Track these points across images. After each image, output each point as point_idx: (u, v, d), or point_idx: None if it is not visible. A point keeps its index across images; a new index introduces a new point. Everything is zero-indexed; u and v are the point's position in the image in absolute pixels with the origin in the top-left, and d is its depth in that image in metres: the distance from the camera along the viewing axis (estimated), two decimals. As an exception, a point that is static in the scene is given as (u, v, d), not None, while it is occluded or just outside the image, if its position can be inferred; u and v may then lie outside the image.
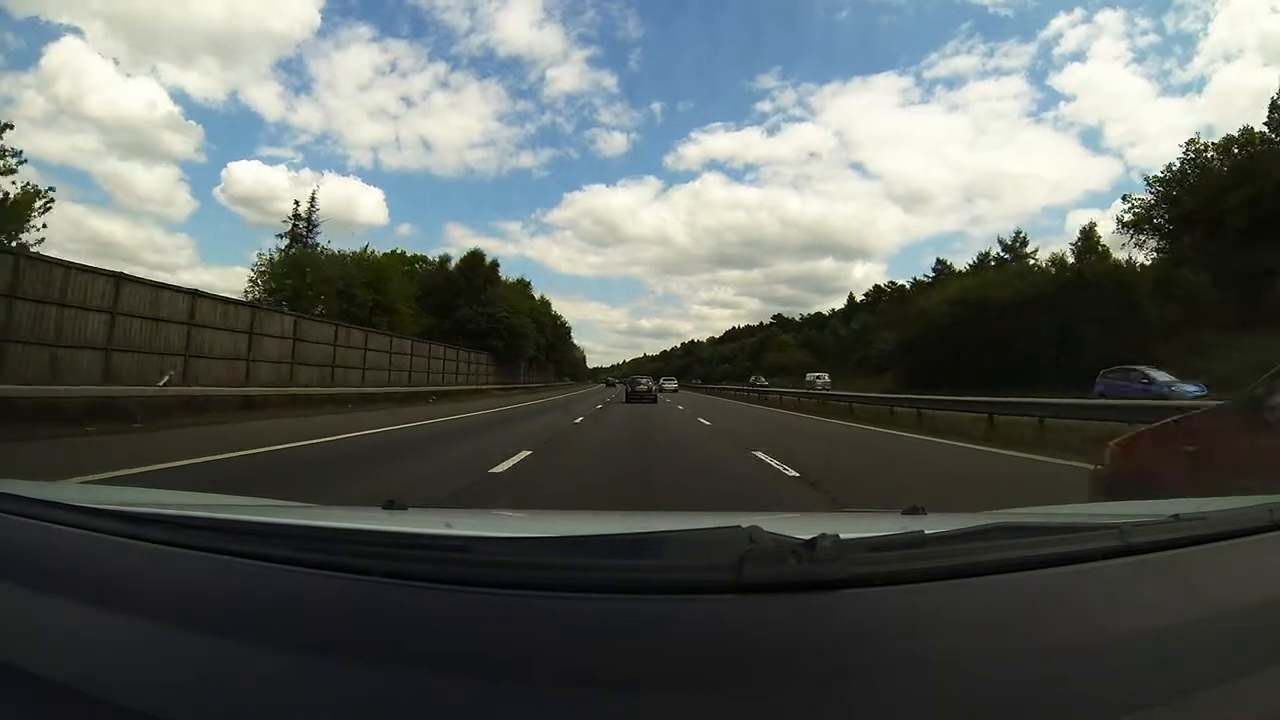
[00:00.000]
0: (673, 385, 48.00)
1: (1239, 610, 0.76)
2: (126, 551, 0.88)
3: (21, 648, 0.69)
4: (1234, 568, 0.88)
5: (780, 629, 0.65)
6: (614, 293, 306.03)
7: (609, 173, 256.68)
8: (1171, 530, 0.94)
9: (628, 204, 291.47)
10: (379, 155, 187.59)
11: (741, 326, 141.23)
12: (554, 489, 5.86)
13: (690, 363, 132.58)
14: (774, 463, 7.45)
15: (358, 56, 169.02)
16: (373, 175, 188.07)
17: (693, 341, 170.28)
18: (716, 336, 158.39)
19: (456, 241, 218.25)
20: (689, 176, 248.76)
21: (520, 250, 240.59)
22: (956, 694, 0.58)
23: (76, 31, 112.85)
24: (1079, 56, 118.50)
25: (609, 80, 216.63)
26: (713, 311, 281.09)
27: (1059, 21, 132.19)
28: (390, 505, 1.25)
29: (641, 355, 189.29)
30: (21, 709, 0.61)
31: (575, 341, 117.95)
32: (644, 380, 29.63)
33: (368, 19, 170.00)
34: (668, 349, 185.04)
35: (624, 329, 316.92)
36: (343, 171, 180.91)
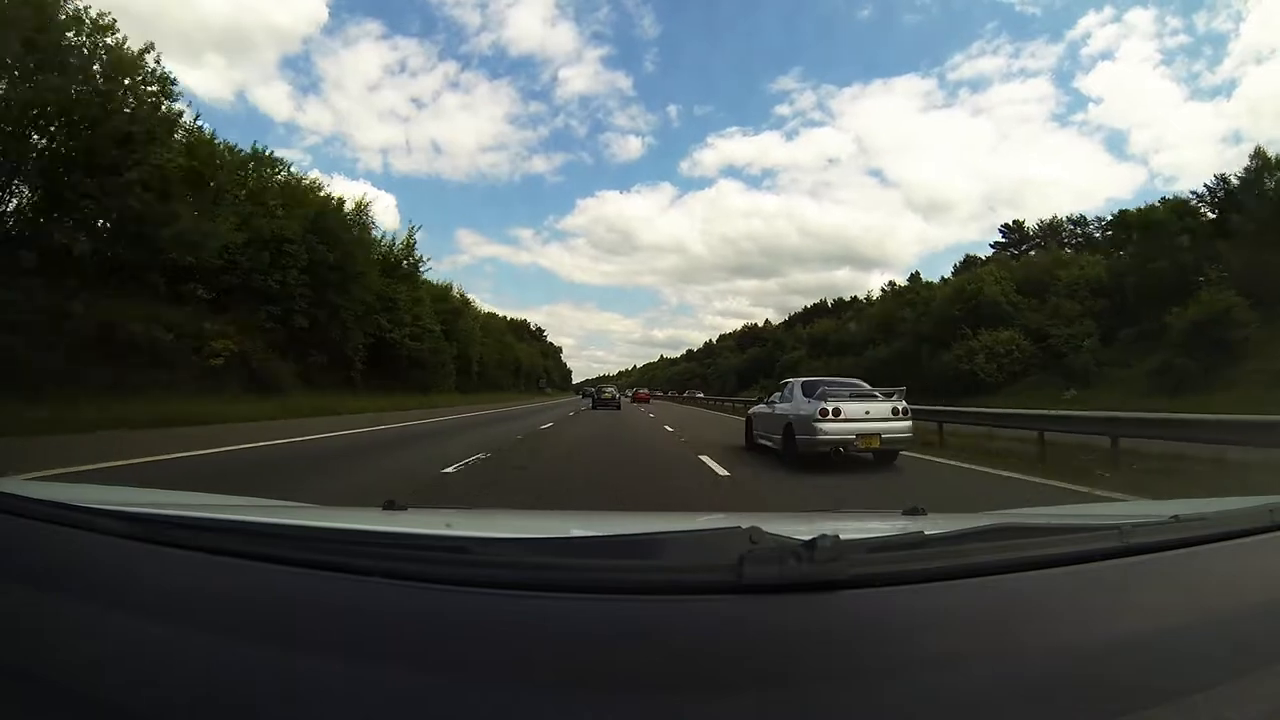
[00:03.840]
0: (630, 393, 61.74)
1: (1239, 610, 0.76)
2: (126, 551, 0.88)
3: (22, 648, 0.69)
4: (1234, 568, 0.88)
5: (780, 629, 0.65)
6: (627, 303, 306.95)
7: (623, 178, 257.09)
8: (1171, 530, 0.94)
9: (642, 211, 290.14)
10: (389, 158, 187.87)
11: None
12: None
13: (695, 371, 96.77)
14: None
15: (366, 55, 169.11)
16: (383, 179, 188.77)
17: (709, 343, 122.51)
18: (720, 335, 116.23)
19: (469, 249, 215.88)
20: (705, 183, 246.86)
21: (534, 258, 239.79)
22: (956, 694, 0.58)
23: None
24: (1107, 57, 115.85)
25: (624, 82, 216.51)
26: (726, 322, 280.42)
27: (1088, 20, 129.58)
28: (390, 505, 1.25)
29: (659, 358, 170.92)
30: (22, 709, 0.61)
31: (560, 345, 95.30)
32: (609, 390, 32.73)
33: (376, 15, 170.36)
34: (679, 354, 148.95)
35: (636, 339, 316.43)
36: (352, 175, 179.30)
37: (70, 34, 15.39)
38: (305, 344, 22.22)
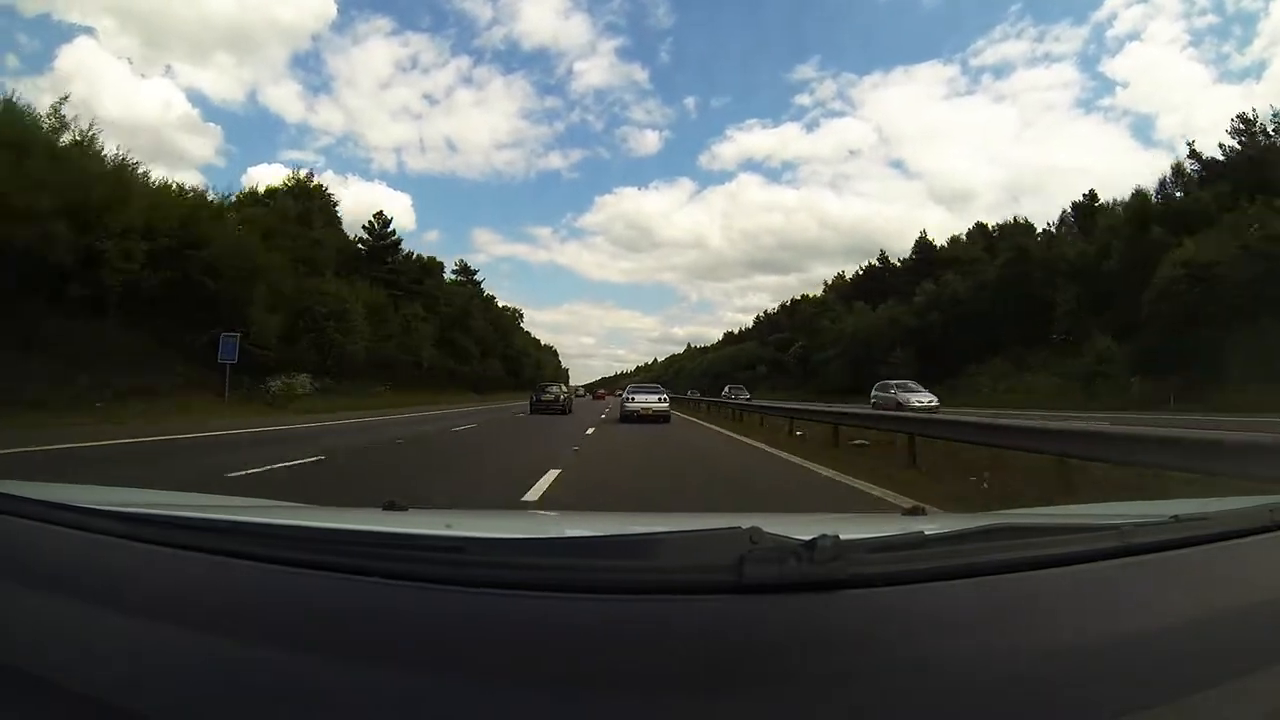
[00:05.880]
0: (581, 392, 62.60)
1: (1239, 610, 0.76)
2: (126, 552, 0.88)
3: (21, 648, 0.69)
4: (1234, 568, 0.88)
5: (781, 629, 0.65)
6: (646, 300, 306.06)
7: (641, 174, 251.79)
8: (1171, 530, 0.93)
9: (661, 207, 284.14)
10: (403, 157, 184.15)
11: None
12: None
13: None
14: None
15: (377, 51, 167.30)
16: (398, 179, 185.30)
17: (765, 315, 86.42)
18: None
19: (485, 247, 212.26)
20: (724, 177, 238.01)
21: (551, 256, 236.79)
22: (956, 694, 0.58)
23: (89, 30, 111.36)
24: (1133, 39, 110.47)
25: (640, 74, 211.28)
26: (745, 319, 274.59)
27: (1113, 1, 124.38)
28: (390, 506, 1.25)
29: (686, 349, 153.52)
30: (21, 709, 0.61)
31: (519, 309, 76.10)
32: (552, 389, 27.43)
33: (386, 10, 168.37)
34: (707, 345, 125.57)
35: (656, 336, 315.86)
36: (366, 175, 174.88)
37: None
38: None
